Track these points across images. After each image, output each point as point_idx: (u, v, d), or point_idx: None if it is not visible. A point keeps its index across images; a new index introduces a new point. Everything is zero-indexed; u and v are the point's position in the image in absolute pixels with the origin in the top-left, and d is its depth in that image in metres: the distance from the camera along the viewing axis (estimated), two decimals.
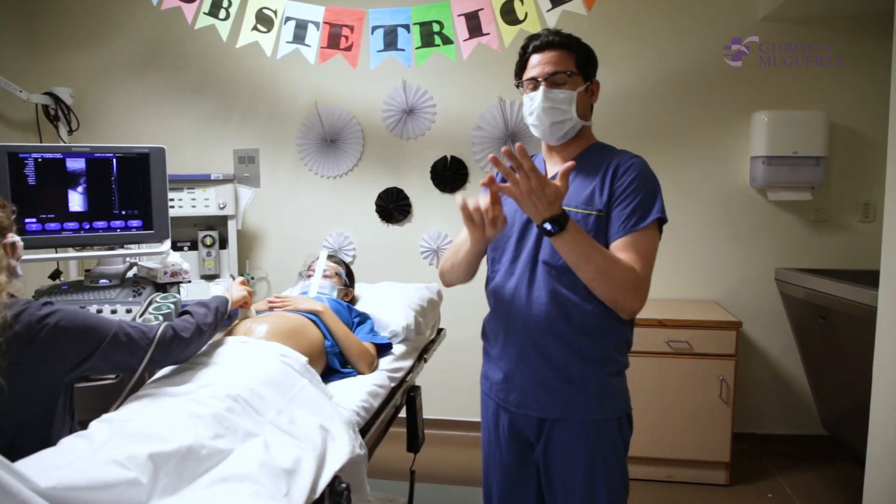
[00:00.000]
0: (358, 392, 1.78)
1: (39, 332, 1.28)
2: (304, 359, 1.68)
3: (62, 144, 2.02)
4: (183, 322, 1.54)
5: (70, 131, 3.60)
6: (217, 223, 3.34)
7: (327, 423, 1.53)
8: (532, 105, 1.50)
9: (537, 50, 1.50)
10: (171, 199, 3.17)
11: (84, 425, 1.94)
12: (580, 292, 1.42)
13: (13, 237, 1.40)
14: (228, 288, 1.85)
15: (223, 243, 3.33)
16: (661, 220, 1.44)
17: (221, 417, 1.34)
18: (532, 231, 1.49)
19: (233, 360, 1.60)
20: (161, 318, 1.91)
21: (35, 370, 1.29)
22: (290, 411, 1.49)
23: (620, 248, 1.39)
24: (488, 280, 1.60)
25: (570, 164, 1.28)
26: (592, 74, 1.54)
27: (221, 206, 3.24)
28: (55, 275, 2.43)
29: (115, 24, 3.62)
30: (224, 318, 1.70)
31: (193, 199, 3.22)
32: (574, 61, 1.49)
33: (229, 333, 1.82)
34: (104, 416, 1.36)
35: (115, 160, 2.08)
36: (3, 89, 3.24)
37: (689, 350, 2.86)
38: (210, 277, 3.30)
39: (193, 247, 3.31)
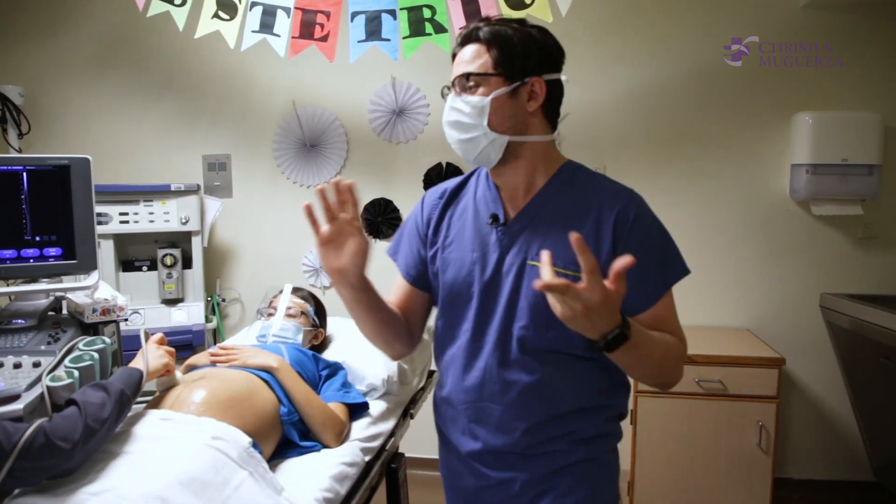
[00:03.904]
0: (319, 476, 1.39)
1: None
2: (247, 441, 1.28)
3: None
4: (65, 422, 1.10)
5: (20, 135, 3.19)
6: (180, 240, 2.94)
7: None
8: None
9: (459, 46, 1.18)
10: (126, 213, 2.78)
11: None
12: (571, 372, 1.14)
13: None
14: (143, 351, 1.42)
15: (187, 262, 2.93)
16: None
17: None
18: (501, 295, 1.15)
19: (145, 448, 1.19)
20: (77, 373, 1.51)
21: None
22: None
23: (649, 324, 1.09)
24: (440, 348, 1.27)
25: (627, 260, 0.89)
26: (531, 71, 1.13)
27: (183, 220, 2.84)
28: None
29: (70, 15, 3.22)
30: (133, 401, 1.28)
31: (151, 213, 2.81)
32: (494, 58, 1.12)
33: (154, 404, 1.41)
34: None
35: (25, 174, 1.68)
36: None
37: (723, 391, 2.45)
38: (172, 302, 2.90)
39: (153, 267, 2.90)
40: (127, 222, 2.78)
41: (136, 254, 2.92)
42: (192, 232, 2.88)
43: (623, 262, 0.89)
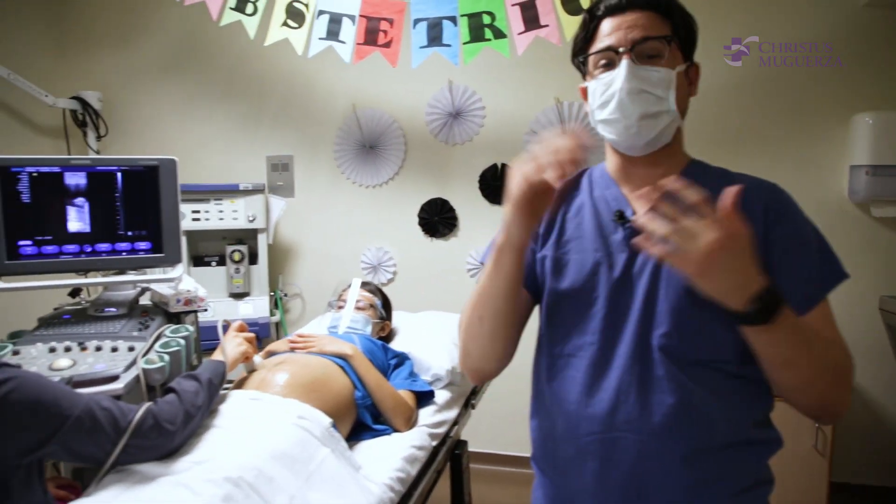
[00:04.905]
0: (392, 458, 1.48)
1: None
2: (328, 421, 1.38)
3: (59, 157, 1.78)
4: (168, 407, 1.23)
5: (99, 137, 3.40)
6: (247, 237, 3.09)
7: None
8: (609, 90, 0.99)
9: (613, 11, 1.01)
10: (197, 212, 2.93)
11: (78, 477, 1.69)
12: (723, 393, 0.94)
13: None
14: (222, 345, 1.53)
15: (253, 258, 3.08)
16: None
17: None
18: (634, 299, 0.97)
19: (238, 425, 1.31)
20: (167, 357, 1.64)
21: None
22: (306, 496, 1.19)
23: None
24: (547, 368, 1.05)
25: (735, 188, 0.80)
26: (692, 53, 1.04)
27: (251, 218, 2.98)
28: (75, 292, 2.20)
29: (144, 24, 3.42)
30: (220, 389, 1.40)
31: (221, 211, 2.96)
32: (671, 27, 1.00)
33: (239, 385, 1.52)
34: None
35: (119, 174, 1.82)
36: (27, 93, 3.06)
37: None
38: (239, 296, 3.04)
39: (221, 262, 3.06)
40: (198, 220, 2.93)
41: (205, 250, 3.08)
42: (259, 229, 3.02)
43: (733, 189, 0.78)
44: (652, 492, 0.95)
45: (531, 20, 2.27)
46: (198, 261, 3.07)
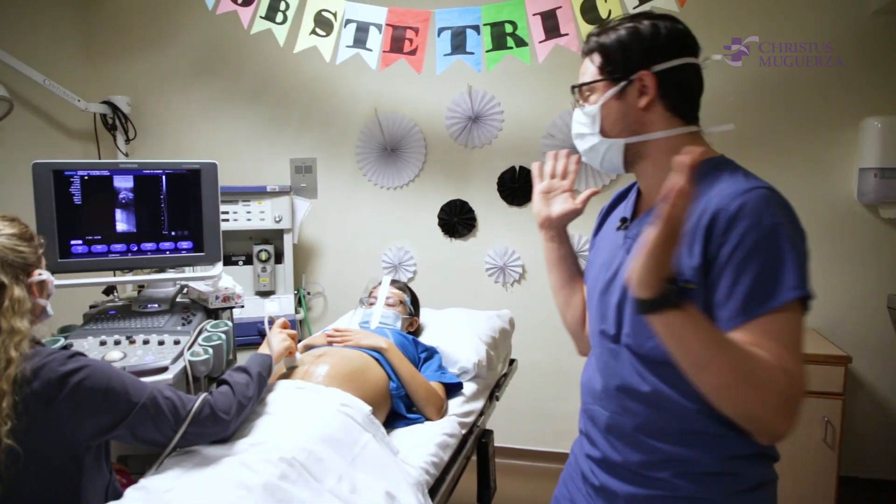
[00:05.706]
0: (426, 444, 1.58)
1: (59, 391, 1.11)
2: (368, 408, 1.48)
3: (109, 161, 1.88)
4: (223, 397, 1.33)
5: (127, 140, 3.52)
6: (273, 237, 3.19)
7: (394, 488, 1.32)
8: None
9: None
10: (226, 212, 3.04)
11: (124, 462, 1.80)
12: (681, 384, 0.97)
13: (41, 274, 1.24)
14: (267, 339, 1.62)
15: (279, 258, 3.18)
16: (805, 299, 0.91)
17: (274, 488, 1.15)
18: (613, 301, 1.09)
19: (288, 411, 1.41)
20: (210, 350, 1.75)
21: (53, 434, 1.13)
22: (352, 476, 1.29)
23: (744, 343, 0.90)
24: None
25: (688, 156, 0.80)
26: (636, 66, 1.05)
27: (277, 219, 3.09)
28: (109, 290, 2.31)
29: (172, 31, 3.53)
30: (267, 381, 1.49)
31: (249, 212, 3.07)
32: (597, 64, 1.09)
33: (284, 377, 1.62)
34: (141, 483, 1.20)
35: (164, 177, 1.93)
36: (61, 98, 3.17)
37: None
38: (265, 294, 3.15)
39: (248, 261, 3.17)
40: (227, 220, 3.04)
41: (232, 249, 3.19)
42: (285, 230, 3.13)
43: (683, 161, 0.79)
44: (616, 458, 1.10)
45: (552, 29, 2.36)
46: (225, 260, 3.17)
